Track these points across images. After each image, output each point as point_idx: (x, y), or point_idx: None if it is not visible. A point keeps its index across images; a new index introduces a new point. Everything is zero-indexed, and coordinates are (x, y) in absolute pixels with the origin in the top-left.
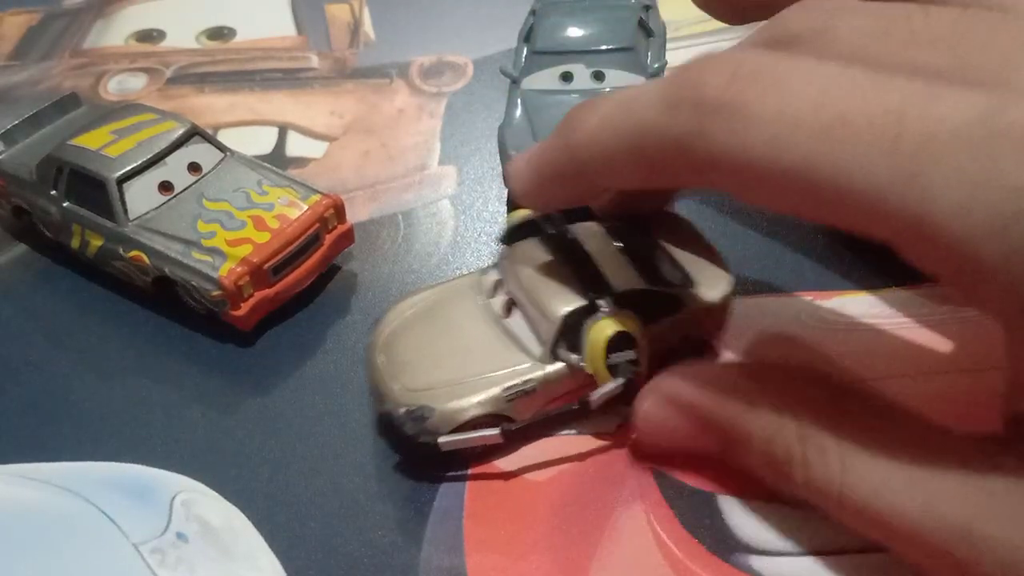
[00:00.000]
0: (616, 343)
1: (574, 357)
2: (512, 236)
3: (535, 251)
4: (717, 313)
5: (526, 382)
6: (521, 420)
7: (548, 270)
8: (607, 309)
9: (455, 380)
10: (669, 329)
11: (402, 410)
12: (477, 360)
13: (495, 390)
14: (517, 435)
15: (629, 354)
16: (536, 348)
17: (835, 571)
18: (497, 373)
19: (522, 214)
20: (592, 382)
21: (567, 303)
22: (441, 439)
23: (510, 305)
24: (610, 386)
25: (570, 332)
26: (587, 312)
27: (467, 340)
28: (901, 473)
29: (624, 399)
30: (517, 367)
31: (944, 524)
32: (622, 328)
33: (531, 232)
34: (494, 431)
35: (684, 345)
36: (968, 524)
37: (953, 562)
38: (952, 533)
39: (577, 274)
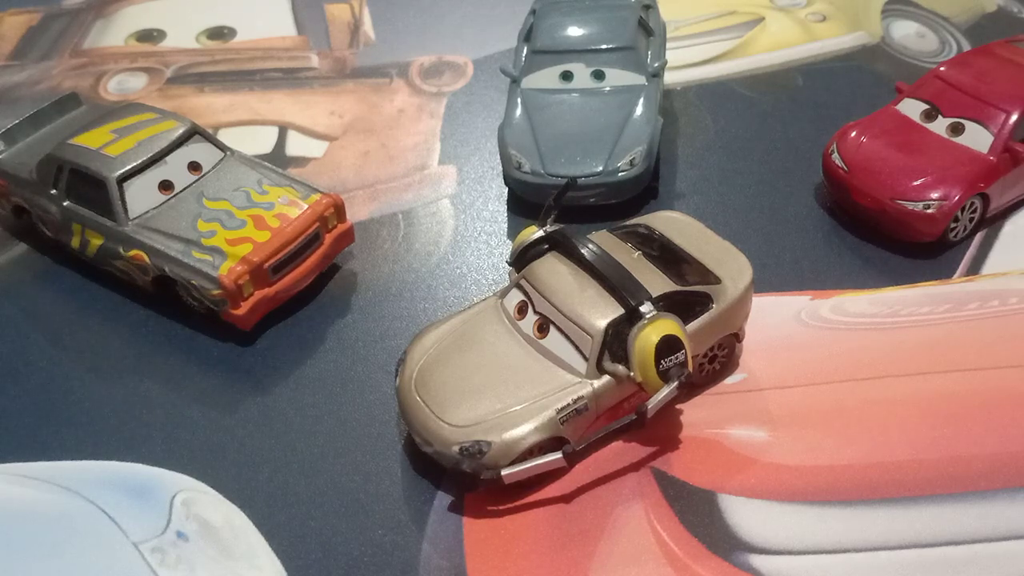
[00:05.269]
0: (663, 348)
1: (622, 368)
2: (523, 257)
3: (557, 268)
4: (744, 302)
5: (577, 400)
6: (576, 439)
7: (577, 285)
8: (650, 315)
9: (504, 409)
10: (706, 326)
11: (455, 449)
12: (521, 385)
13: (548, 413)
14: (579, 455)
15: (679, 357)
16: (580, 364)
17: (836, 569)
18: (545, 396)
19: (528, 233)
20: (638, 391)
21: (605, 315)
22: (504, 472)
23: (543, 325)
24: (665, 392)
25: (613, 343)
26: (627, 321)
27: (505, 366)
28: None
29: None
30: (564, 387)
31: None
32: (668, 332)
33: (540, 251)
34: (557, 455)
35: (719, 341)
36: None
37: None
38: None
39: (607, 284)
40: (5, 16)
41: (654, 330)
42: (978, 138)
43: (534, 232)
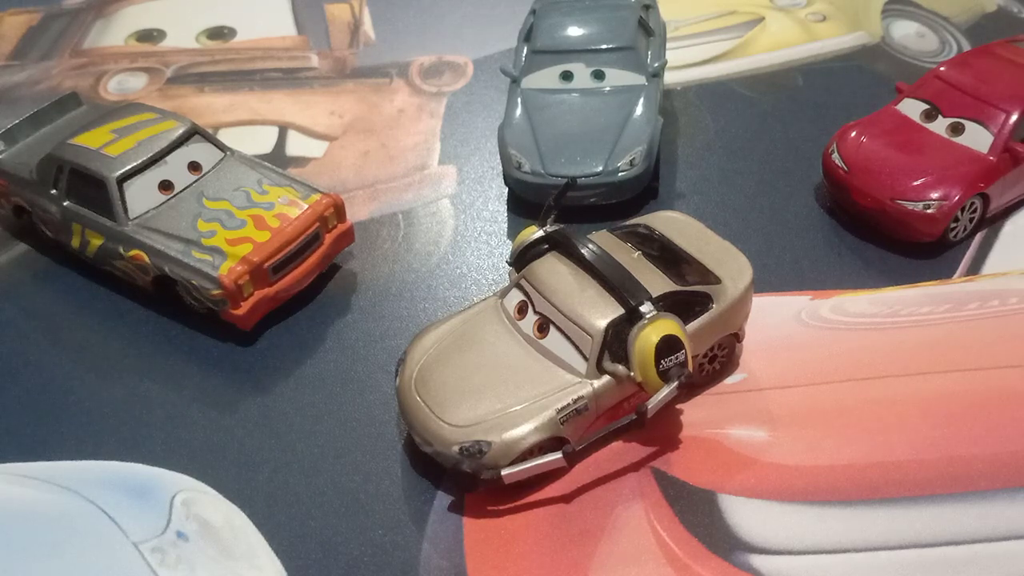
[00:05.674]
0: (663, 348)
1: (622, 368)
2: (523, 257)
3: (557, 268)
4: (744, 302)
5: (577, 400)
6: (576, 439)
7: (577, 284)
8: (650, 315)
9: (504, 409)
10: (706, 326)
11: (455, 448)
12: (521, 385)
13: (548, 413)
14: (579, 455)
15: (679, 357)
16: (580, 364)
17: (836, 569)
18: (545, 396)
19: (528, 233)
20: (638, 391)
21: (606, 315)
22: (504, 472)
23: (543, 325)
24: (665, 391)
25: (613, 343)
26: (627, 321)
27: (505, 366)
28: None
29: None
30: (564, 386)
31: None
32: (668, 332)
33: (540, 251)
34: (557, 455)
35: (719, 341)
36: None
37: None
38: None
39: (607, 284)
40: (5, 16)
41: (654, 330)
42: (978, 138)
43: (534, 232)
